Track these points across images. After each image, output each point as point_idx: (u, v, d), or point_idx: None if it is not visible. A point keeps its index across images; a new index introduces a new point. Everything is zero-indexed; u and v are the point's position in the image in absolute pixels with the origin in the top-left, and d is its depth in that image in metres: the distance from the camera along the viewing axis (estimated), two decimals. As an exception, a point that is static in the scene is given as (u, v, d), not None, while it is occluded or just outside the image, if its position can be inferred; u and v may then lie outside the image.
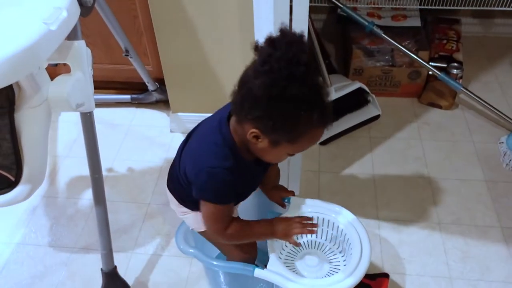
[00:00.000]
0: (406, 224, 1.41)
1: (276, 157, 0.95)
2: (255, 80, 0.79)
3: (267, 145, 0.87)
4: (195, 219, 1.06)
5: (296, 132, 0.84)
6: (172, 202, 1.09)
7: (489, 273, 1.28)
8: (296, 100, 0.79)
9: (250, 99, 0.81)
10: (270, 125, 0.82)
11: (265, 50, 0.79)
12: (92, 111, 1.05)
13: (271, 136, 0.85)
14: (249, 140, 0.87)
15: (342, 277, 1.00)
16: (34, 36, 0.79)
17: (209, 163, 0.89)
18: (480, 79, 1.95)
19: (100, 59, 1.72)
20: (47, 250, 1.38)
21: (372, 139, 1.70)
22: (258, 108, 0.81)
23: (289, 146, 0.88)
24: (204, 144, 0.92)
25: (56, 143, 1.73)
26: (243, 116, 0.85)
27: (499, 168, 1.58)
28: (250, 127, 0.85)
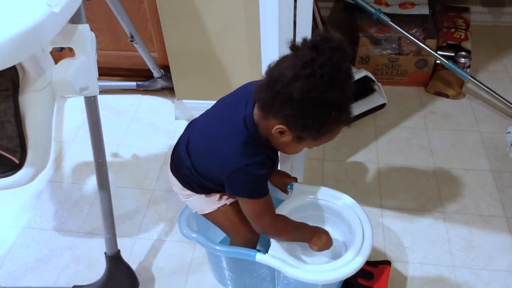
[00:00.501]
0: (410, 212, 1.41)
1: (295, 151, 0.98)
2: (294, 82, 0.80)
3: (290, 140, 0.89)
4: (198, 202, 1.07)
5: (322, 130, 0.87)
6: (175, 185, 1.09)
7: (492, 262, 1.27)
8: (331, 104, 0.82)
9: (285, 99, 0.82)
10: (300, 123, 0.85)
11: (307, 54, 0.80)
12: (96, 96, 1.05)
13: (297, 133, 0.87)
14: (272, 134, 0.89)
15: (344, 262, 1.00)
16: (37, 18, 0.78)
17: (243, 162, 0.90)
18: (488, 68, 1.92)
19: (106, 45, 1.72)
20: (52, 234, 1.40)
21: (378, 128, 1.69)
22: (291, 107, 0.83)
23: (312, 142, 0.91)
24: (233, 145, 0.92)
25: (61, 129, 1.74)
26: (271, 113, 0.86)
27: (505, 158, 1.56)
28: (277, 123, 0.86)
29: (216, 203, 1.07)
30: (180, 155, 1.05)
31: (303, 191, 1.15)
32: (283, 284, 1.13)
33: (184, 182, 1.06)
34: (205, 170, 1.01)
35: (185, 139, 1.05)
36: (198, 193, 1.07)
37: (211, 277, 1.27)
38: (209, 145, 0.98)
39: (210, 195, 1.07)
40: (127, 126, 1.75)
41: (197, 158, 1.01)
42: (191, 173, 1.03)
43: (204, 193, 1.06)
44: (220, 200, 1.07)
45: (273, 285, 1.16)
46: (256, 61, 1.45)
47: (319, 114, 0.83)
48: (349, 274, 0.99)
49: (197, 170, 1.01)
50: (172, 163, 1.09)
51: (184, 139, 1.06)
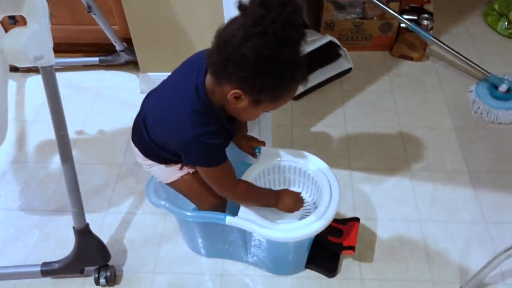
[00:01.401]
0: (378, 173, 1.43)
1: (252, 116, 0.96)
2: (245, 42, 0.77)
3: (247, 105, 0.87)
4: (161, 171, 1.07)
5: (279, 91, 0.85)
6: (137, 155, 1.08)
7: (456, 214, 1.31)
8: (286, 62, 0.80)
9: (238, 60, 0.79)
10: (256, 85, 0.82)
11: (256, 11, 0.77)
12: (52, 65, 1.01)
13: (254, 96, 0.85)
14: (228, 100, 0.86)
15: (313, 219, 1.01)
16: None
17: (195, 132, 0.89)
18: (451, 30, 1.95)
19: (64, 19, 1.66)
20: (18, 214, 1.37)
21: (344, 93, 1.70)
22: (245, 69, 0.80)
23: (269, 105, 0.89)
24: (184, 114, 0.90)
25: (23, 108, 1.69)
26: (224, 77, 0.83)
27: (468, 116, 1.60)
28: (231, 88, 0.84)
29: (178, 173, 1.07)
30: (139, 127, 1.04)
31: (270, 154, 1.16)
32: (255, 247, 1.14)
33: (144, 152, 1.05)
34: (161, 141, 1.00)
35: (141, 109, 1.05)
36: (159, 163, 1.06)
37: (183, 246, 1.27)
38: (162, 115, 0.96)
39: (171, 165, 1.06)
40: (91, 102, 1.71)
41: (152, 130, 1.00)
42: (149, 145, 1.02)
43: (164, 163, 1.05)
44: (182, 170, 1.07)
45: (245, 248, 1.17)
46: (219, 29, 1.43)
47: (274, 73, 0.80)
48: (319, 230, 1.01)
49: (154, 141, 1.00)
50: (133, 134, 1.08)
51: (141, 110, 1.05)
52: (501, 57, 1.82)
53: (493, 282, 1.16)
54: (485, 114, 1.58)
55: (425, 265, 1.20)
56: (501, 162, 1.45)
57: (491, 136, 1.53)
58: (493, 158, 1.46)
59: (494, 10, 1.96)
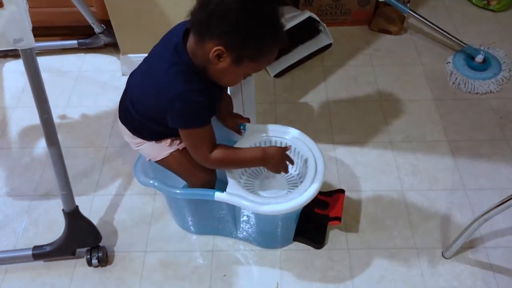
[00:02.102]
0: (361, 145, 1.47)
1: (233, 78, 0.96)
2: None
3: (229, 64, 0.87)
4: (150, 149, 1.07)
5: (261, 48, 0.87)
6: (126, 134, 1.09)
7: (437, 183, 1.36)
8: (267, 16, 0.83)
9: (221, 14, 0.81)
10: (238, 39, 0.84)
11: None
12: (32, 47, 1.00)
13: (235, 53, 0.86)
14: (210, 60, 0.87)
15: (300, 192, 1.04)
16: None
17: (179, 90, 0.90)
18: (427, 2, 1.98)
19: (39, 2, 1.63)
20: (6, 200, 1.36)
21: (325, 68, 1.72)
22: (228, 22, 0.82)
23: (250, 65, 0.89)
24: (167, 74, 0.91)
25: (3, 95, 1.66)
26: (207, 34, 0.85)
27: (446, 87, 1.64)
28: (214, 45, 0.85)
29: (167, 149, 1.08)
30: (126, 106, 1.06)
31: (255, 130, 1.17)
32: (243, 222, 1.17)
33: (133, 130, 1.06)
34: (149, 112, 1.00)
35: (127, 89, 1.06)
36: (148, 140, 1.07)
37: (174, 224, 1.29)
38: (148, 86, 0.97)
39: (160, 141, 1.07)
40: (72, 86, 1.69)
41: (140, 103, 1.01)
42: (138, 121, 1.03)
43: (154, 140, 1.06)
44: (172, 146, 1.08)
45: (234, 224, 1.20)
46: (199, 7, 1.42)
47: (256, 27, 0.83)
48: (306, 201, 1.04)
49: (142, 116, 1.01)
50: (120, 113, 1.09)
51: (126, 89, 1.07)
52: (477, 28, 1.86)
53: (473, 246, 1.21)
54: (463, 84, 1.62)
55: (408, 232, 1.25)
56: (479, 131, 1.49)
57: (469, 106, 1.57)
58: (471, 128, 1.50)
59: (470, -18, 1.99)
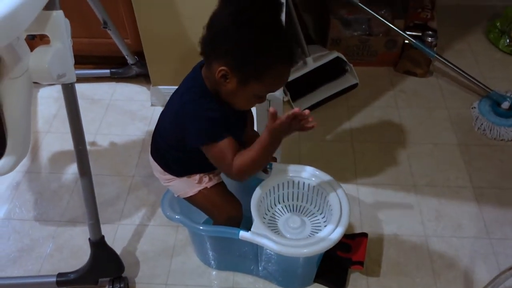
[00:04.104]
0: (384, 187, 1.47)
1: (244, 100, 0.96)
2: (223, 14, 0.84)
3: (236, 85, 0.90)
4: (179, 185, 1.10)
5: (262, 64, 0.87)
6: (156, 170, 1.11)
7: (461, 230, 1.35)
8: (264, 28, 0.83)
9: (220, 32, 0.85)
10: (238, 57, 0.86)
11: None
12: (73, 82, 1.05)
13: (239, 72, 0.88)
14: (218, 82, 0.90)
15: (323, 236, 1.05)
16: (13, 4, 0.78)
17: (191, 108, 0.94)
18: (454, 47, 2.00)
19: (78, 33, 1.67)
20: (33, 224, 1.39)
21: (350, 108, 1.74)
22: (227, 40, 0.85)
23: (257, 85, 0.90)
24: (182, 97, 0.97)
25: (36, 119, 1.72)
26: (212, 56, 0.89)
27: (471, 132, 1.64)
28: (218, 65, 0.88)
29: (196, 186, 1.10)
30: (156, 140, 1.10)
31: (282, 170, 1.19)
32: (265, 260, 1.17)
33: (164, 165, 1.09)
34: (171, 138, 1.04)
35: (160, 122, 1.10)
36: (178, 177, 1.09)
37: (195, 258, 1.30)
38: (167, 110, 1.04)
39: (189, 177, 1.09)
40: (103, 114, 1.75)
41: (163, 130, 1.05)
42: (165, 151, 1.07)
43: (184, 175, 1.09)
44: (201, 184, 1.10)
45: (255, 262, 1.20)
46: (231, 45, 1.47)
47: (254, 40, 0.84)
48: (329, 246, 1.04)
49: (167, 144, 1.05)
50: (152, 148, 1.12)
51: (159, 122, 1.11)
52: (503, 74, 1.87)
53: (497, 297, 1.19)
54: (488, 130, 1.62)
55: (430, 280, 1.23)
56: (504, 178, 1.48)
57: (494, 153, 1.56)
58: (496, 174, 1.49)
59: (496, 28, 2.00)
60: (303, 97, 1.73)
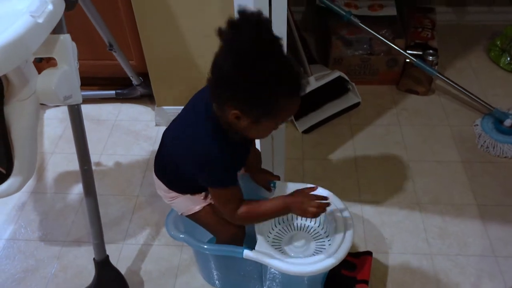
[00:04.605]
0: (387, 205, 1.47)
1: (260, 133, 0.98)
2: (224, 63, 0.83)
3: (250, 123, 0.90)
4: (184, 203, 1.10)
5: (273, 106, 0.88)
6: (160, 188, 1.12)
7: (466, 248, 1.34)
8: (266, 75, 0.83)
9: (223, 81, 0.85)
10: (248, 103, 0.86)
11: (228, 33, 0.82)
12: (79, 104, 1.07)
13: (251, 114, 0.88)
14: (231, 122, 0.91)
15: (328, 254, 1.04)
16: (22, 29, 0.80)
17: (207, 153, 0.94)
18: (455, 65, 2.01)
19: (84, 55, 1.70)
20: (38, 244, 1.40)
21: (353, 126, 1.75)
22: (232, 89, 0.85)
23: (270, 121, 0.91)
24: (198, 137, 0.96)
25: (42, 140, 1.74)
26: (220, 99, 0.89)
27: (474, 150, 1.64)
28: (230, 109, 0.88)
29: (201, 202, 1.11)
30: (163, 158, 1.10)
31: (285, 188, 1.19)
32: (269, 279, 1.17)
33: (169, 184, 1.09)
34: (183, 167, 1.04)
35: (163, 141, 1.10)
36: (183, 194, 1.10)
37: (199, 277, 1.30)
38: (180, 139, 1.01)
39: (194, 194, 1.10)
40: (108, 134, 1.76)
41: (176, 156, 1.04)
42: (175, 174, 1.06)
43: (189, 193, 1.09)
44: (206, 200, 1.11)
45: (259, 281, 1.20)
46: (234, 66, 1.49)
47: (259, 88, 0.84)
48: (333, 264, 1.04)
49: (178, 169, 1.05)
50: (156, 168, 1.13)
51: (164, 145, 1.10)
52: (505, 92, 1.88)
53: (504, 317, 1.18)
54: (491, 148, 1.63)
55: (436, 298, 1.23)
56: (509, 195, 1.48)
57: (498, 170, 1.57)
58: (501, 192, 1.49)
59: (497, 46, 2.02)
60: (306, 116, 1.74)
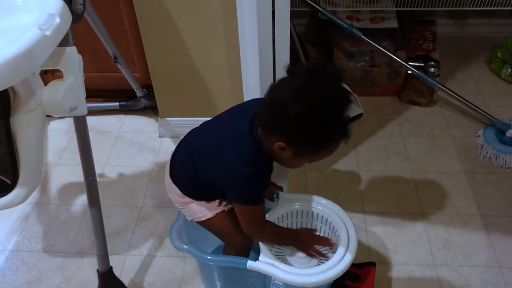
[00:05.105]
0: (391, 216, 1.47)
1: (296, 165, 1.03)
2: (291, 105, 0.85)
3: (290, 156, 0.93)
4: (197, 208, 1.10)
5: (320, 148, 0.92)
6: (173, 192, 1.11)
7: (471, 259, 1.33)
8: (325, 126, 0.87)
9: (282, 120, 0.87)
10: (297, 143, 0.90)
11: (302, 78, 0.86)
12: (85, 115, 1.08)
13: (296, 149, 0.92)
14: (274, 151, 0.93)
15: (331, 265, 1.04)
16: (30, 42, 0.82)
17: (246, 171, 0.95)
18: (456, 76, 2.03)
19: (89, 67, 1.72)
20: (41, 256, 1.40)
21: (356, 137, 1.76)
22: (287, 128, 0.88)
23: (311, 157, 0.97)
24: (238, 153, 0.97)
25: (46, 152, 1.75)
26: (270, 130, 0.92)
27: (477, 160, 1.65)
28: (276, 140, 0.91)
29: (215, 209, 1.11)
30: (182, 164, 1.08)
31: (288, 199, 1.20)
32: (273, 290, 1.17)
33: (185, 189, 1.09)
34: (210, 178, 1.04)
35: (188, 147, 1.09)
36: (198, 200, 1.10)
37: (203, 288, 1.30)
38: (216, 153, 1.01)
39: (209, 201, 1.10)
40: (111, 146, 1.77)
41: (202, 167, 1.04)
42: (195, 181, 1.06)
43: (204, 200, 1.10)
44: (220, 206, 1.11)
45: (263, 292, 1.19)
46: (237, 77, 1.51)
47: (314, 135, 0.88)
48: (337, 275, 1.03)
49: (201, 178, 1.05)
50: (172, 171, 1.11)
51: (185, 147, 1.09)
52: (506, 102, 1.89)
53: (510, 328, 1.17)
54: (494, 158, 1.63)
55: (441, 310, 1.22)
56: (512, 206, 1.48)
57: (501, 180, 1.56)
58: (505, 202, 1.49)
59: (497, 58, 2.04)
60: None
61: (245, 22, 1.14)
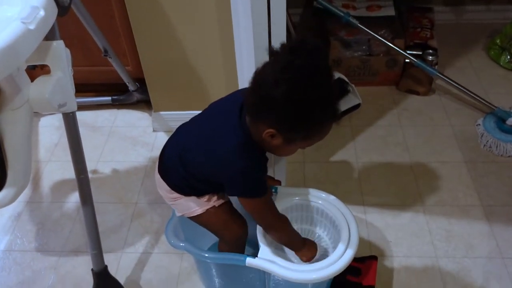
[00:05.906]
0: (391, 208, 1.44)
1: (288, 152, 0.99)
2: (275, 87, 0.82)
3: (281, 143, 0.90)
4: (187, 204, 1.07)
5: (311, 130, 0.89)
6: (162, 188, 1.08)
7: (473, 250, 1.31)
8: (313, 103, 0.83)
9: (269, 104, 0.84)
10: (287, 126, 0.86)
11: (285, 57, 0.83)
12: (74, 111, 1.04)
13: (286, 134, 0.88)
14: (264, 139, 0.90)
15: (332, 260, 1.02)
16: (13, 36, 0.78)
17: (241, 165, 0.93)
18: (455, 64, 2.00)
19: (78, 61, 1.69)
20: (35, 255, 1.37)
21: (354, 128, 1.73)
22: (276, 112, 0.85)
23: (303, 142, 0.93)
24: (230, 147, 0.94)
25: (37, 148, 1.71)
26: (258, 118, 0.89)
27: (477, 149, 1.62)
28: (265, 127, 0.88)
29: (205, 204, 1.08)
30: (170, 159, 1.05)
31: (287, 194, 1.17)
32: (273, 287, 1.14)
33: (173, 185, 1.06)
34: (201, 173, 1.01)
35: (176, 143, 1.06)
36: (187, 196, 1.07)
37: (200, 285, 1.27)
38: (206, 149, 0.98)
39: (199, 197, 1.07)
40: (104, 141, 1.74)
41: (192, 161, 1.01)
42: (182, 177, 1.03)
43: (194, 195, 1.06)
44: (209, 202, 1.08)
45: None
46: (232, 69, 1.47)
47: (303, 115, 0.84)
48: (338, 271, 1.01)
49: (191, 173, 1.02)
50: (161, 167, 1.08)
51: (174, 143, 1.07)
52: (506, 90, 1.86)
53: (513, 320, 1.15)
54: (494, 147, 1.60)
55: (444, 302, 1.20)
56: (514, 195, 1.46)
57: (502, 169, 1.54)
58: (506, 192, 1.47)
59: (496, 45, 2.00)
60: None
61: (239, 14, 1.10)
